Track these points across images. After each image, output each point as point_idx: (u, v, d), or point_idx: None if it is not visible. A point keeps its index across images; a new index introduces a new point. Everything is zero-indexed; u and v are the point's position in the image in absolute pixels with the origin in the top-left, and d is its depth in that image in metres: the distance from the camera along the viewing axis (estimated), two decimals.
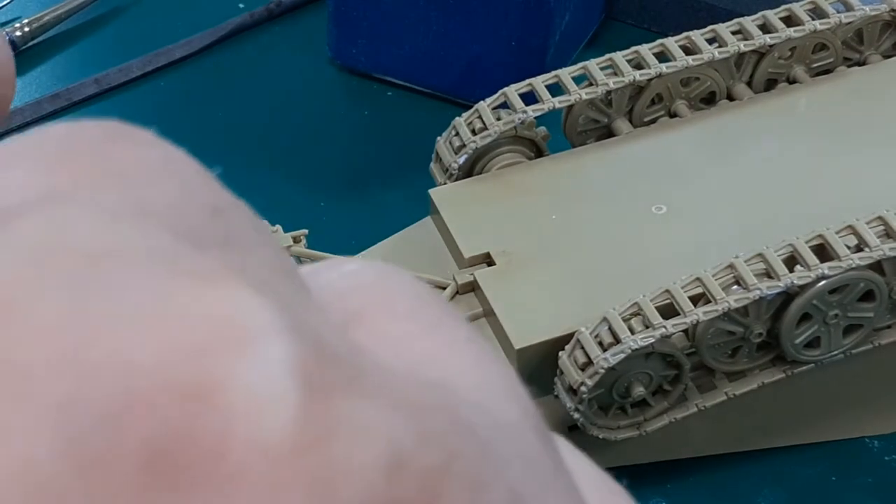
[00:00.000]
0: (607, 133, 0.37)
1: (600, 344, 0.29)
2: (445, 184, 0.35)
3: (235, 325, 0.10)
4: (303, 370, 0.10)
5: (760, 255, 0.30)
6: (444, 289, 0.32)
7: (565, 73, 0.36)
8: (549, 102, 0.35)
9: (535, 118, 0.35)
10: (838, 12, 0.37)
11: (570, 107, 0.36)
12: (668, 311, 0.30)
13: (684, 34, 0.37)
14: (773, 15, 0.37)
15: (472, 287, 0.32)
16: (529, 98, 0.35)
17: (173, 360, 0.10)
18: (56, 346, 0.09)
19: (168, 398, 0.09)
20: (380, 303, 0.14)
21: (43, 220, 0.10)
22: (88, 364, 0.09)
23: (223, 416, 0.09)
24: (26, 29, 0.47)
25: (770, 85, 0.38)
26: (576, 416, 0.30)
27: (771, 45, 0.37)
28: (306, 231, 0.34)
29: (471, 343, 0.13)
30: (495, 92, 0.36)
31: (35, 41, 0.47)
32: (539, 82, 0.36)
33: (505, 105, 0.36)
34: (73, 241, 0.10)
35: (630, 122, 0.37)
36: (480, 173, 0.35)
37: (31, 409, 0.09)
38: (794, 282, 0.30)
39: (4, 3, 0.49)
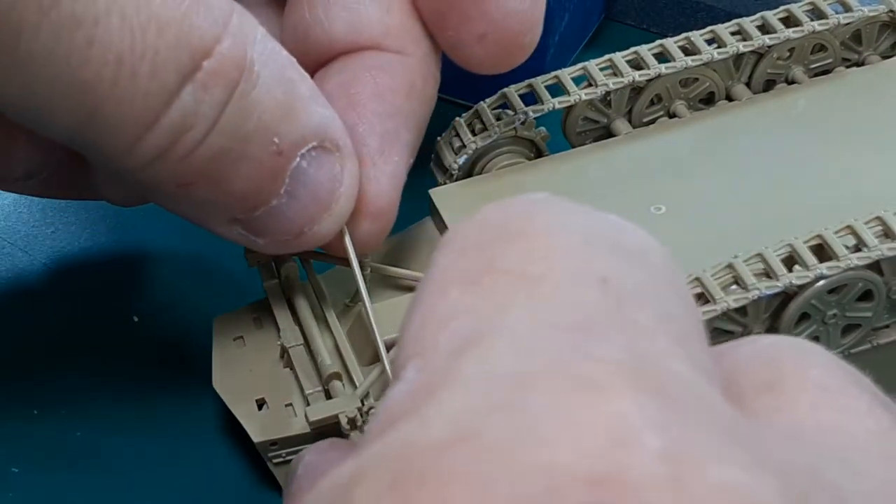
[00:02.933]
0: (606, 133, 0.37)
1: None
2: (445, 184, 0.35)
3: (622, 429, 0.13)
4: (672, 452, 0.13)
5: (759, 255, 0.30)
6: None
7: (565, 74, 0.36)
8: (549, 103, 0.35)
9: (535, 119, 0.35)
10: (837, 13, 0.37)
11: (570, 107, 0.36)
12: None
13: (683, 35, 0.37)
14: (771, 16, 0.37)
15: None
16: (529, 99, 0.36)
17: (577, 461, 0.13)
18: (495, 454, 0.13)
19: (581, 486, 0.13)
20: (794, 373, 0.18)
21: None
22: (522, 466, 0.13)
23: (618, 492, 0.13)
24: None
25: (769, 85, 0.38)
26: None
27: (770, 46, 0.37)
28: None
29: (869, 413, 0.17)
30: (495, 92, 0.36)
31: None
32: (539, 83, 0.36)
33: (505, 106, 0.36)
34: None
35: (629, 122, 0.37)
36: (480, 173, 0.36)
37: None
38: (793, 282, 0.30)
39: None
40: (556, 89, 0.36)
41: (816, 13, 0.37)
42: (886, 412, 0.17)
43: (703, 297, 0.30)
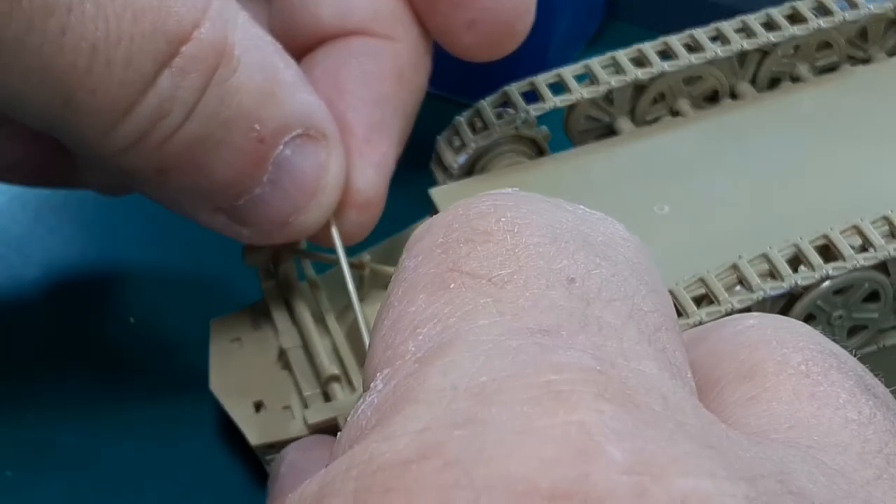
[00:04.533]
0: (609, 132, 0.36)
1: None
2: (446, 183, 0.35)
3: (585, 441, 0.13)
4: (636, 463, 0.13)
5: (764, 255, 0.30)
6: None
7: (567, 72, 0.36)
8: (551, 101, 0.35)
9: (537, 117, 0.35)
10: (843, 10, 0.37)
11: (572, 106, 0.36)
12: None
13: (687, 32, 0.36)
14: (776, 13, 0.37)
15: None
16: (531, 97, 0.35)
17: (540, 474, 0.13)
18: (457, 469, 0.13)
19: (543, 500, 0.13)
20: (774, 359, 0.17)
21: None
22: (485, 481, 0.13)
23: None
24: None
25: (773, 83, 0.37)
26: None
27: (775, 43, 0.36)
28: None
29: (850, 401, 0.17)
30: (496, 91, 0.36)
31: None
32: (541, 81, 0.35)
33: (506, 104, 0.35)
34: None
35: (632, 120, 0.36)
36: (481, 173, 0.35)
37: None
38: (798, 282, 0.29)
39: None
40: (558, 87, 0.35)
41: (822, 10, 0.37)
42: (869, 398, 0.17)
43: (706, 298, 0.29)
